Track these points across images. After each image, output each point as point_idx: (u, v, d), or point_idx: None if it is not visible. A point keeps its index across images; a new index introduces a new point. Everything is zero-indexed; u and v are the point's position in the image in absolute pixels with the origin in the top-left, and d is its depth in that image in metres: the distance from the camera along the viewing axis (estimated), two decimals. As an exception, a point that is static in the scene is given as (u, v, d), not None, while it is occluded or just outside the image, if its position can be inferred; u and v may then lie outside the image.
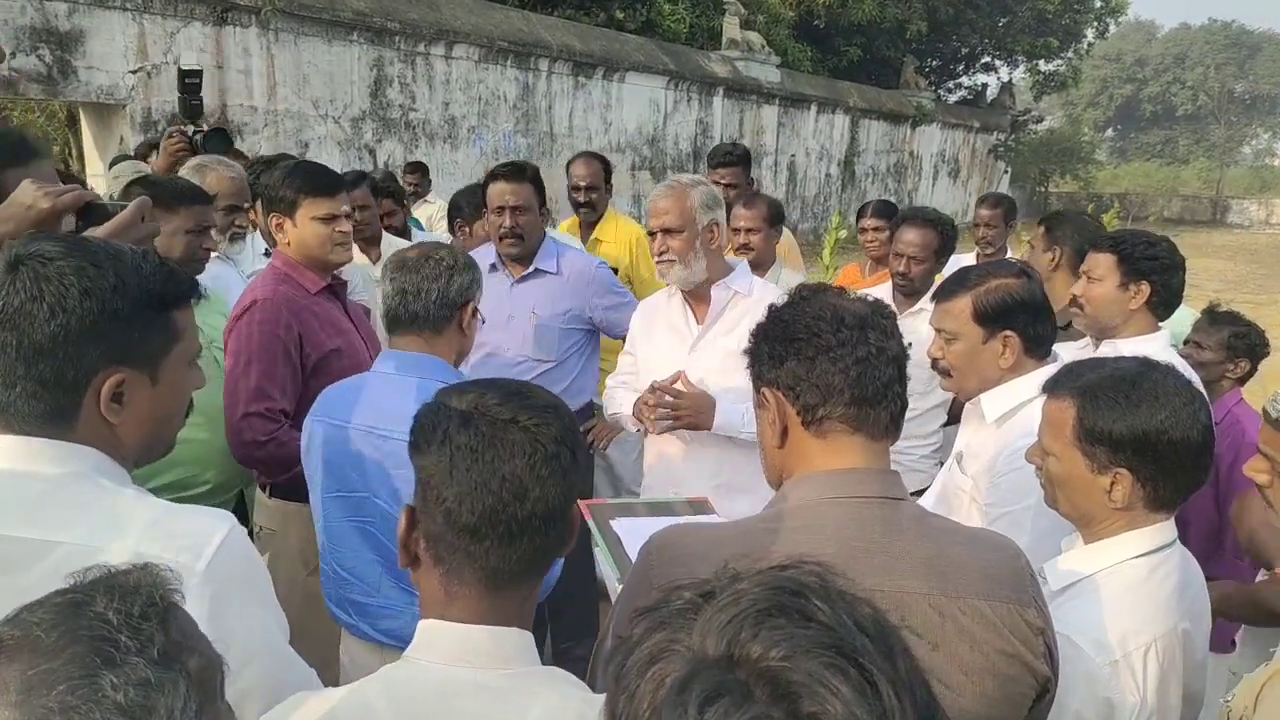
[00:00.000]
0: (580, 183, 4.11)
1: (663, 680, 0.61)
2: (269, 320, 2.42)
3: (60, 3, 8.05)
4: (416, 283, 2.00)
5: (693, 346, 2.66)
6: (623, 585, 1.46)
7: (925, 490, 2.58)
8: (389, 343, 2.11)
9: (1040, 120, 32.72)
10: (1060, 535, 1.76)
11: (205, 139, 3.84)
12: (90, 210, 1.55)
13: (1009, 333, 2.01)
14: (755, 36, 17.53)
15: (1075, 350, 2.60)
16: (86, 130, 9.21)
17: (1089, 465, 1.50)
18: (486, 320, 3.21)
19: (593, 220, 4.19)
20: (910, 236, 3.39)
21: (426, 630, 1.07)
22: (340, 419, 2.01)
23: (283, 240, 2.56)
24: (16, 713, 0.73)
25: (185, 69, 4.61)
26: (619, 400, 2.86)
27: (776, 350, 1.32)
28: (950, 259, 3.68)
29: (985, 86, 29.53)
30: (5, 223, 1.48)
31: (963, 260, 4.59)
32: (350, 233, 2.58)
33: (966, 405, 2.18)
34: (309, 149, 9.96)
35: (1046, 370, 2.01)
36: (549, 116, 13.47)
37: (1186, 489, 1.50)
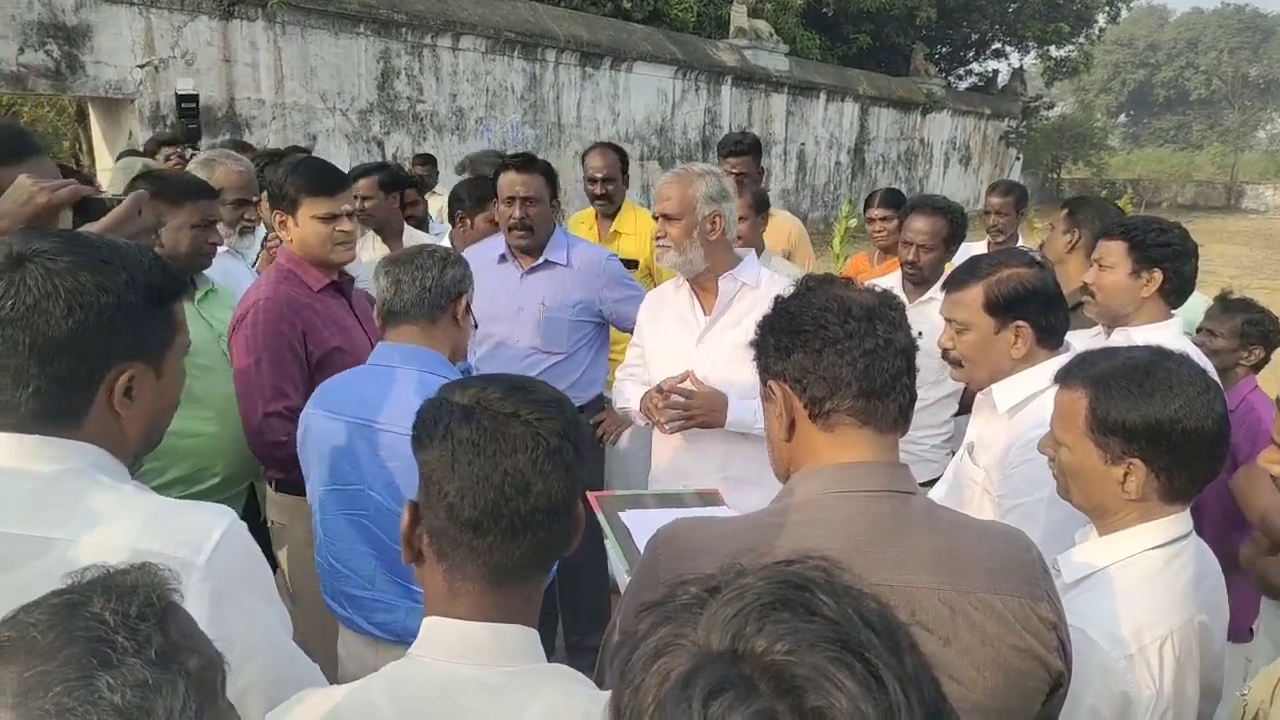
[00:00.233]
0: (597, 174, 4.05)
1: (667, 674, 0.61)
2: (273, 319, 2.43)
3: (67, -3, 8.08)
4: (410, 273, 2.01)
5: (700, 338, 2.64)
6: (630, 579, 1.45)
7: (936, 480, 2.56)
8: (384, 336, 2.11)
9: (1052, 106, 32.51)
10: (1074, 527, 1.74)
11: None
12: (87, 205, 1.54)
13: (1021, 323, 1.98)
14: (763, 25, 17.43)
15: (1087, 339, 2.58)
16: (95, 125, 9.24)
17: (1102, 456, 1.48)
18: (496, 311, 3.24)
19: (610, 212, 4.13)
20: (919, 225, 3.36)
21: (430, 627, 1.06)
22: (335, 412, 2.01)
23: (286, 237, 2.56)
24: (13, 715, 0.72)
25: (182, 93, 4.60)
26: (627, 393, 2.85)
27: (783, 342, 1.30)
28: (960, 247, 3.65)
29: (996, 73, 29.29)
30: (1, 218, 1.47)
31: (973, 248, 4.56)
32: (353, 232, 2.56)
33: (978, 396, 2.15)
34: (317, 142, 9.97)
35: (1059, 360, 1.98)
36: (557, 107, 13.43)
37: (1201, 480, 1.47)
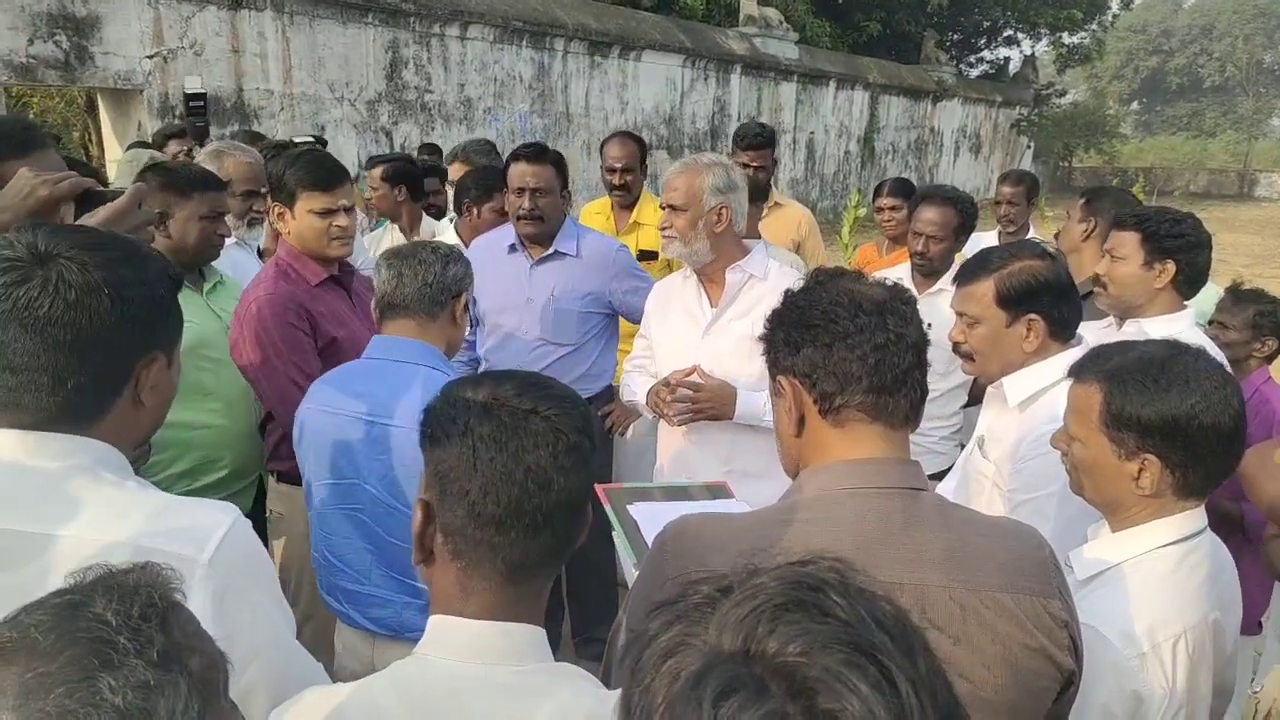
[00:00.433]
0: (615, 164, 3.98)
1: (678, 674, 0.60)
2: (279, 313, 2.42)
3: (76, -12, 8.07)
4: (413, 267, 2.00)
5: (706, 329, 2.63)
6: (637, 573, 1.44)
7: (945, 472, 2.55)
8: (380, 329, 2.10)
9: (1064, 94, 32.26)
10: (1086, 522, 1.72)
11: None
12: (88, 198, 1.53)
13: (1033, 316, 1.96)
14: (773, 12, 17.33)
15: (1098, 330, 2.55)
16: (104, 116, 9.25)
17: (1116, 451, 1.46)
18: (505, 301, 3.23)
19: (628, 203, 4.07)
20: (929, 215, 3.33)
21: (437, 626, 1.05)
22: (330, 405, 2.00)
23: (284, 230, 2.55)
24: (14, 716, 0.72)
25: (190, 92, 4.60)
26: (634, 385, 2.84)
27: (792, 337, 1.28)
28: (971, 237, 3.62)
29: (1007, 60, 29.10)
30: (3, 211, 1.46)
31: (984, 238, 4.54)
32: (349, 228, 2.54)
33: (988, 389, 2.13)
34: (325, 132, 9.95)
35: (1071, 353, 1.96)
36: (565, 97, 13.39)
37: (1217, 476, 1.45)
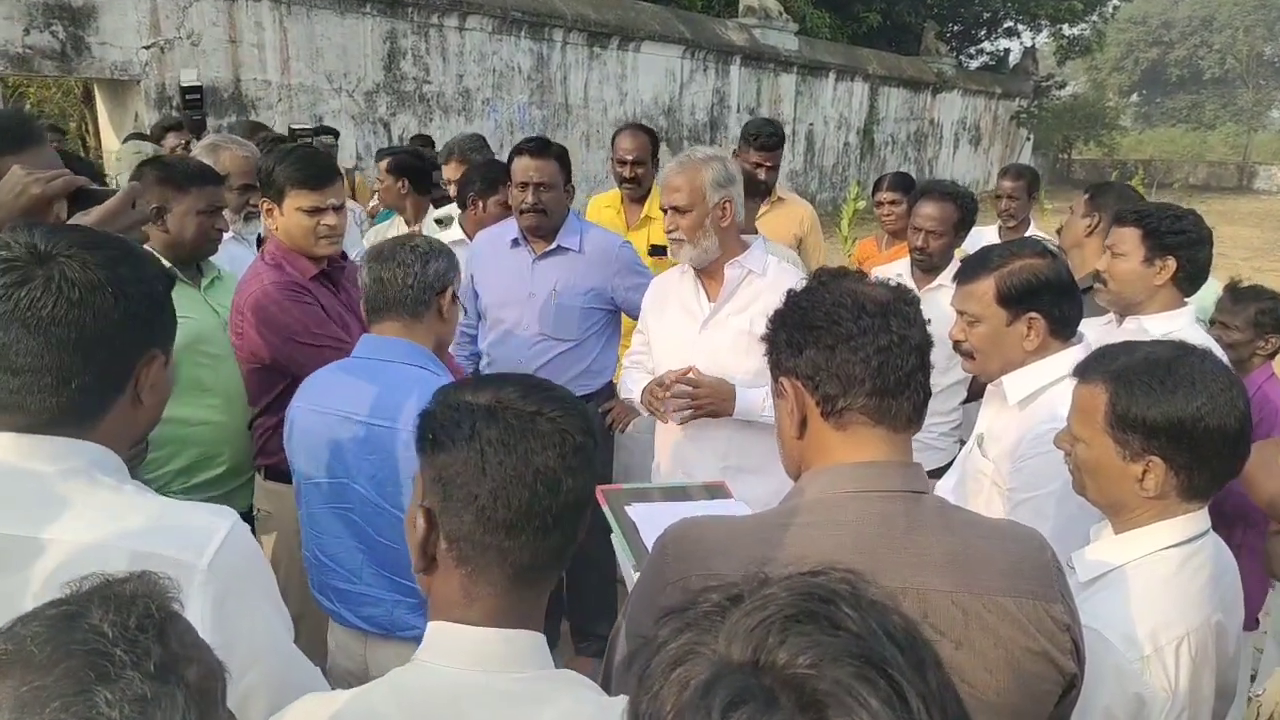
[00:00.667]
0: (627, 156, 3.93)
1: (687, 682, 0.60)
2: (286, 294, 2.41)
3: (72, -22, 8.02)
4: (393, 269, 1.98)
5: (704, 325, 2.62)
6: (638, 575, 1.43)
7: (945, 468, 2.54)
8: (368, 328, 2.08)
9: (1064, 86, 32.14)
10: (1085, 522, 1.72)
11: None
12: (81, 196, 1.51)
13: (1034, 314, 1.95)
14: (773, 3, 17.25)
15: (1099, 326, 2.54)
16: (101, 106, 9.21)
17: (1120, 452, 1.45)
18: (507, 296, 3.22)
19: (639, 196, 4.01)
20: (928, 210, 3.32)
21: (437, 633, 1.04)
22: (318, 405, 2.00)
23: (272, 226, 2.53)
24: (9, 731, 0.71)
25: (186, 85, 4.60)
26: (631, 382, 2.83)
27: (795, 338, 1.27)
28: (971, 232, 3.61)
29: (1007, 52, 29.01)
30: None
31: (984, 232, 4.53)
32: (338, 226, 2.51)
33: (988, 387, 2.13)
34: (323, 123, 9.91)
35: (1071, 351, 1.96)
36: (564, 88, 13.34)
37: (1222, 479, 1.45)
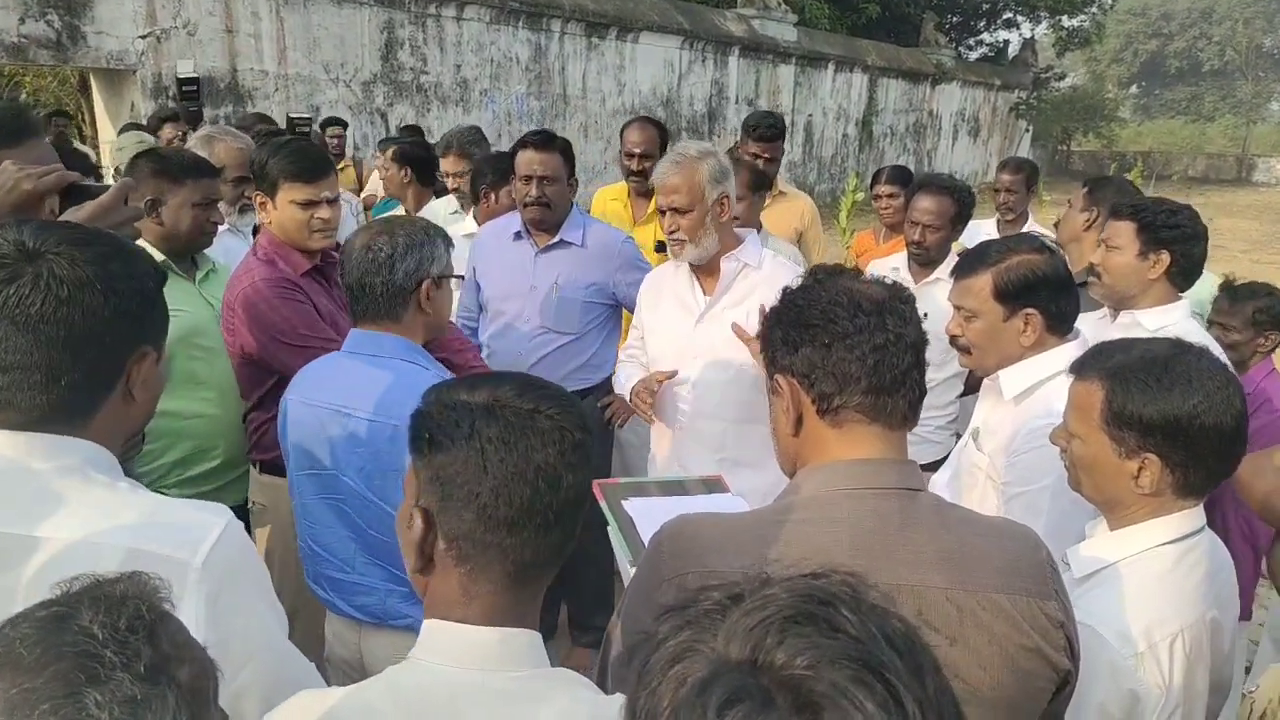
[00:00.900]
0: (636, 149, 3.90)
1: (684, 680, 0.60)
2: (277, 292, 2.40)
3: (67, -34, 7.98)
4: (359, 278, 1.96)
5: (700, 319, 2.62)
6: (634, 570, 1.43)
7: (940, 462, 2.54)
8: (355, 324, 2.07)
9: (1063, 77, 32.11)
10: (1079, 517, 1.72)
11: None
12: (73, 191, 1.51)
13: (1030, 310, 1.95)
14: (772, -6, 17.21)
15: (1093, 321, 2.54)
16: (97, 96, 9.18)
17: (1116, 449, 1.45)
18: (509, 288, 3.21)
19: (646, 190, 3.92)
20: (925, 204, 3.31)
21: (432, 631, 1.04)
22: (309, 398, 2.01)
23: (266, 220, 2.51)
24: (-1, 733, 0.71)
25: (182, 77, 4.59)
26: (625, 378, 2.83)
27: (791, 336, 1.27)
28: (969, 225, 3.60)
29: (1007, 43, 28.90)
30: None
31: (982, 226, 4.52)
32: (331, 220, 2.49)
33: (984, 381, 2.13)
34: (320, 113, 9.88)
35: (1067, 347, 1.96)
36: (562, 78, 13.30)
37: (1218, 476, 1.45)
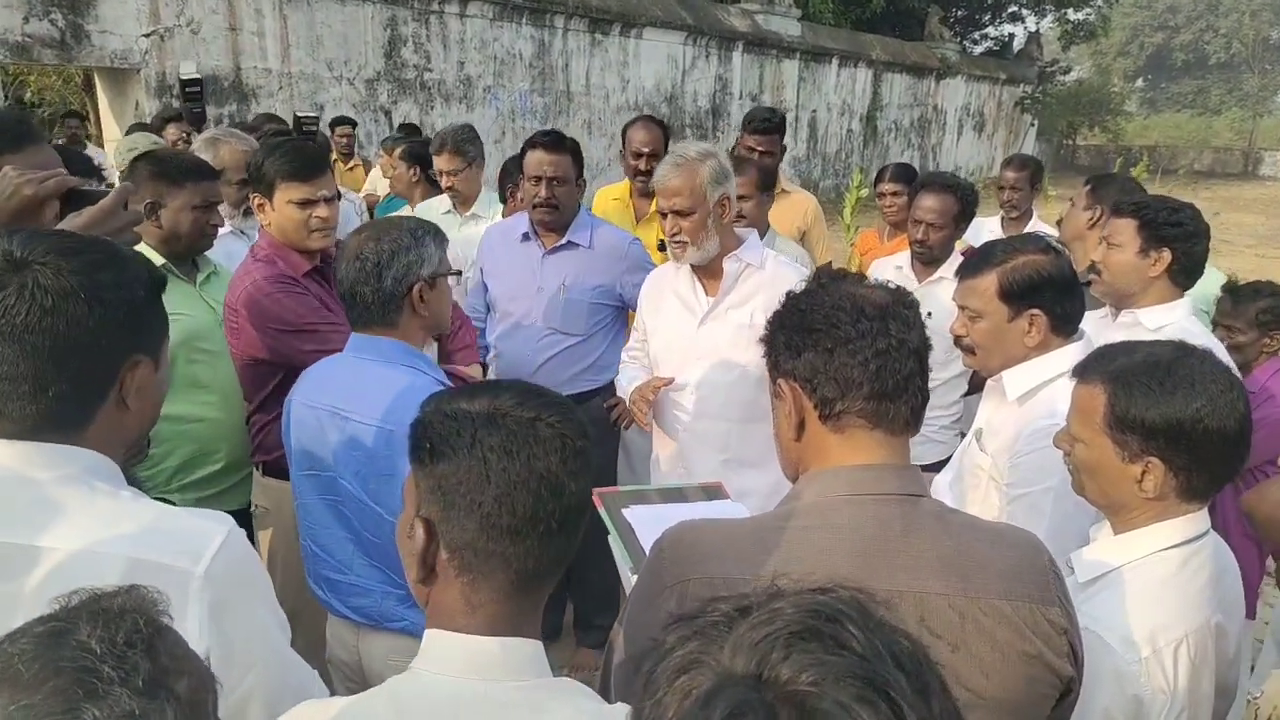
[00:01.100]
0: (642, 148, 3.89)
1: (689, 691, 0.61)
2: (278, 286, 2.40)
3: (71, -35, 7.98)
4: (350, 288, 1.96)
5: (703, 320, 2.61)
6: (635, 577, 1.43)
7: (945, 462, 2.54)
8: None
9: (1068, 71, 31.96)
10: (1082, 519, 1.72)
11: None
12: (74, 197, 1.50)
13: (1035, 311, 1.94)
14: (775, -12, 17.17)
15: (1095, 320, 2.53)
16: (101, 95, 9.19)
17: (1119, 453, 1.44)
18: (516, 289, 3.22)
19: (650, 190, 3.98)
20: (929, 203, 3.31)
21: (434, 641, 1.04)
22: (311, 400, 2.02)
23: (264, 221, 2.51)
24: (-3, 749, 0.71)
25: (185, 78, 4.59)
26: (627, 379, 2.83)
27: (793, 341, 1.27)
28: (973, 222, 3.59)
29: (1012, 37, 28.79)
30: None
31: (986, 223, 4.51)
32: (329, 219, 2.49)
33: (988, 381, 2.12)
34: (324, 111, 9.89)
35: (1072, 348, 1.95)
36: (565, 75, 13.28)
37: (1221, 480, 1.44)
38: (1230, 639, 1.50)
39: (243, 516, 2.50)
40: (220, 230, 2.65)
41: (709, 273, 2.61)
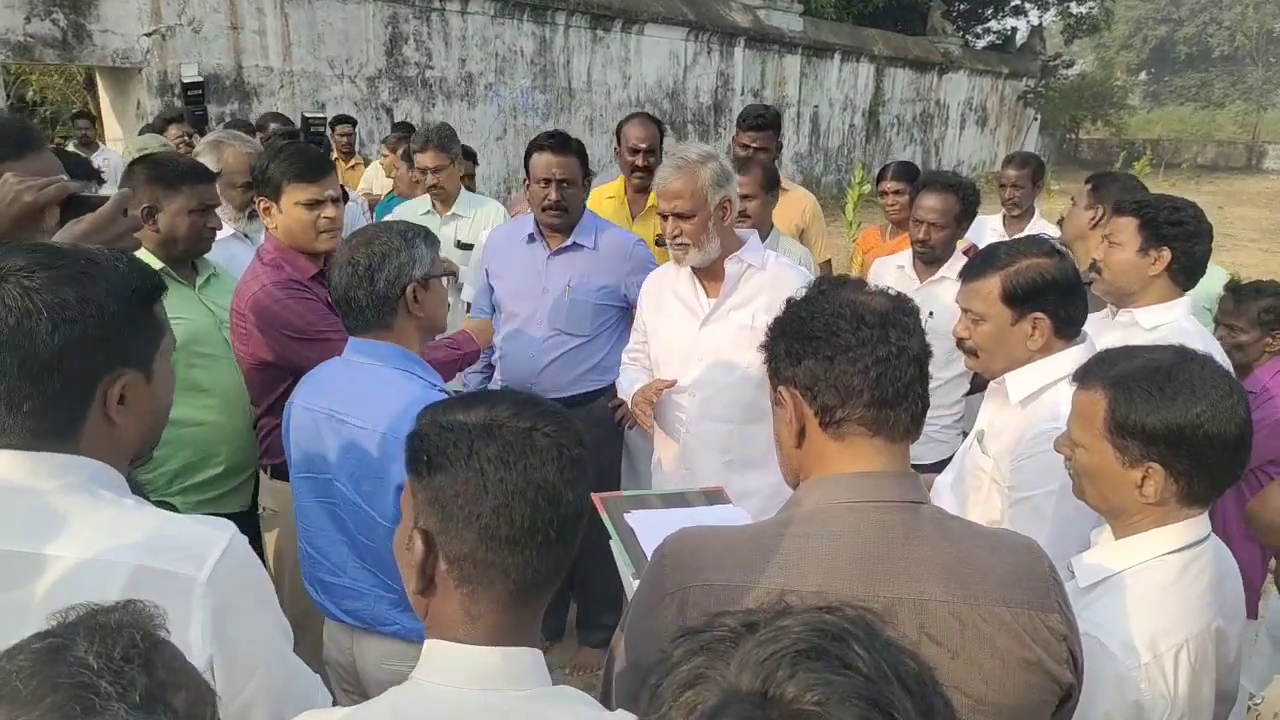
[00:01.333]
0: (640, 145, 3.89)
1: (694, 707, 0.61)
2: (286, 291, 2.40)
3: (72, -35, 7.98)
4: (344, 293, 1.97)
5: (705, 321, 2.61)
6: (637, 583, 1.43)
7: (946, 462, 2.53)
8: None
9: (1071, 65, 31.87)
10: (1083, 522, 1.72)
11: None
12: (73, 203, 1.50)
13: (1039, 314, 1.93)
14: (777, -16, 17.13)
15: (1096, 320, 2.53)
16: (103, 94, 9.19)
17: (1120, 458, 1.44)
18: (521, 290, 3.22)
19: (646, 186, 3.90)
20: (930, 202, 3.30)
21: (434, 651, 1.04)
22: (309, 402, 2.03)
23: (270, 225, 2.51)
24: (-4, 766, 0.71)
25: (187, 81, 4.60)
26: (628, 381, 2.83)
27: (794, 348, 1.27)
28: (975, 220, 3.58)
29: (1015, 31, 28.72)
30: None
31: (988, 221, 4.50)
32: (337, 219, 2.49)
33: (990, 384, 2.12)
34: (325, 110, 9.88)
35: (1075, 351, 1.95)
36: (567, 72, 13.26)
37: (1222, 485, 1.44)
38: (1231, 643, 1.50)
39: (245, 519, 2.50)
40: (223, 233, 2.66)
41: (710, 274, 2.61)
